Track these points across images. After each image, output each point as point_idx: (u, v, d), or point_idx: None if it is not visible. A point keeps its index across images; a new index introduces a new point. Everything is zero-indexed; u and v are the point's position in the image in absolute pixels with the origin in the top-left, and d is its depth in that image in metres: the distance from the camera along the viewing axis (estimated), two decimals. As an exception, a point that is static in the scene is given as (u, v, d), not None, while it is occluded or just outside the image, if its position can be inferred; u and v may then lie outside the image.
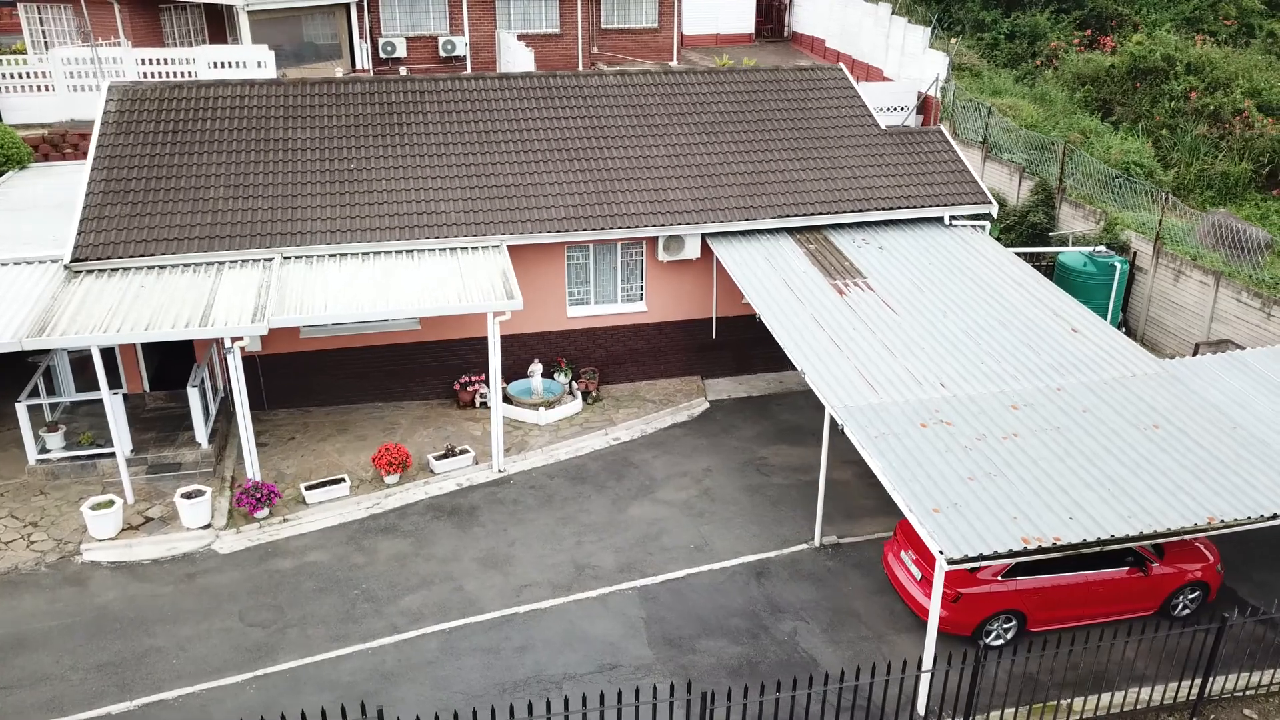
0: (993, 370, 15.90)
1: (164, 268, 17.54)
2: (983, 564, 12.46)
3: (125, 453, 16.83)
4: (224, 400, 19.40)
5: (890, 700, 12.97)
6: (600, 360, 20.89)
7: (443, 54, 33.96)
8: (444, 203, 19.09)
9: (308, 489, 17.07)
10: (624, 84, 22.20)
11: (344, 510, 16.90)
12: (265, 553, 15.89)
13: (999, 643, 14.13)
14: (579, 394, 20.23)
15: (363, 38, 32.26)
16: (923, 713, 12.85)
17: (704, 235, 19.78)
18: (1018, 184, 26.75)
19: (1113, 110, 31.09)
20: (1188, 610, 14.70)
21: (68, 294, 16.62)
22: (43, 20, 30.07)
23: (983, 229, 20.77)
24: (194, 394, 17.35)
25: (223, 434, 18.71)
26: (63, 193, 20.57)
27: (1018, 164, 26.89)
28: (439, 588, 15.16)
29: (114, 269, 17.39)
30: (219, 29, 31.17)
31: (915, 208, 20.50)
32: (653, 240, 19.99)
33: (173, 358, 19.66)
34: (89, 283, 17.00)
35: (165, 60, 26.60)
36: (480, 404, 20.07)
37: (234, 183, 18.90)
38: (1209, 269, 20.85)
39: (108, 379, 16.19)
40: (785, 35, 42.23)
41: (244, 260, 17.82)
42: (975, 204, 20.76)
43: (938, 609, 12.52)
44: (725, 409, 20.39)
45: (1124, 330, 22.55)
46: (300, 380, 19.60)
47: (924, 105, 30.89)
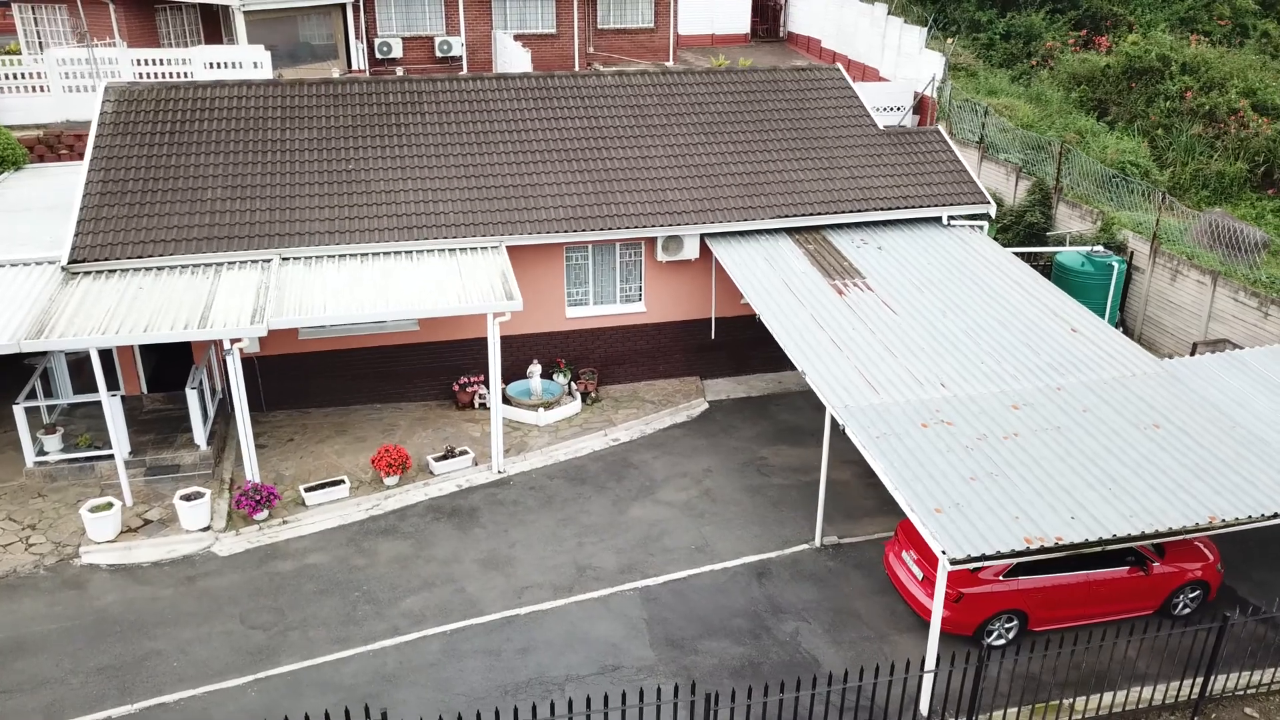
0: (993, 370, 15.93)
1: (162, 269, 17.49)
2: (985, 564, 12.47)
3: (123, 455, 16.77)
4: (222, 402, 19.34)
5: (893, 700, 12.97)
6: (599, 361, 20.87)
7: (439, 54, 33.90)
8: (443, 203, 19.05)
9: (307, 491, 17.02)
10: (622, 84, 22.19)
11: (344, 512, 16.85)
12: (265, 555, 15.84)
13: (1001, 642, 14.15)
14: (578, 395, 20.21)
15: (358, 38, 32.19)
16: (925, 713, 12.86)
17: (703, 236, 19.78)
18: (1014, 184, 26.79)
19: (1108, 110, 31.16)
20: (1188, 609, 14.73)
21: (65, 295, 16.55)
22: (37, 20, 29.96)
23: (981, 229, 20.80)
24: (193, 396, 17.29)
25: (221, 436, 18.65)
26: (59, 194, 20.48)
27: (1014, 164, 26.93)
28: (440, 589, 15.13)
29: (112, 270, 17.33)
30: (214, 29, 31.08)
31: (914, 208, 20.52)
32: (651, 241, 19.97)
33: (170, 359, 19.57)
34: (87, 284, 16.94)
35: (161, 61, 26.52)
36: (479, 405, 20.04)
37: (232, 184, 18.84)
38: (1206, 268, 20.89)
39: (105, 381, 16.13)
40: (781, 35, 42.25)
41: (242, 261, 17.77)
42: (973, 204, 20.80)
43: (940, 609, 12.54)
44: (724, 409, 20.39)
45: (1121, 330, 22.58)
46: (298, 382, 19.55)
47: (920, 105, 30.92)
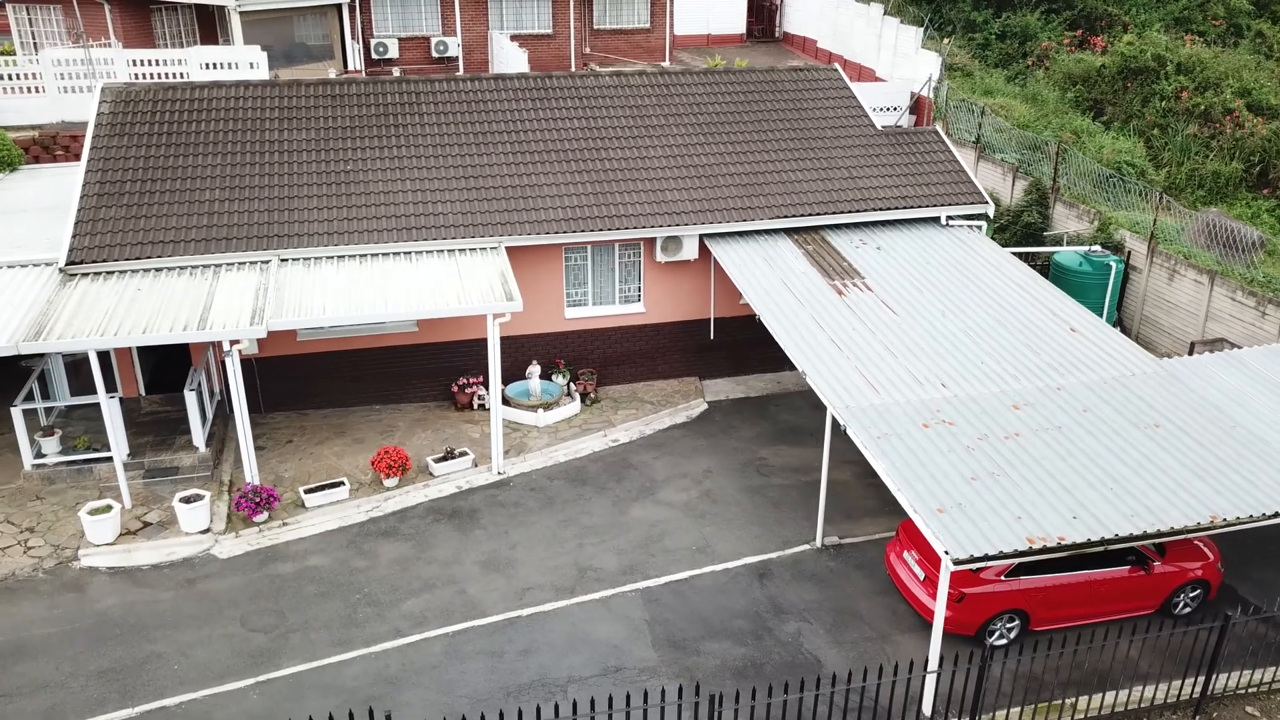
0: (993, 370, 15.94)
1: (160, 270, 17.42)
2: (987, 564, 12.48)
3: (122, 457, 16.70)
4: (220, 403, 19.28)
5: (896, 701, 12.96)
6: (598, 361, 20.85)
7: (435, 55, 33.84)
8: (441, 204, 19.02)
9: (307, 492, 16.98)
10: (620, 85, 22.17)
11: (343, 513, 16.81)
12: (265, 557, 15.80)
13: (1002, 642, 14.17)
14: (577, 395, 20.19)
15: (355, 38, 32.12)
16: (928, 713, 12.87)
17: (702, 236, 19.77)
18: (1011, 184, 26.83)
19: (1104, 110, 31.24)
20: (1189, 609, 14.77)
21: (63, 297, 16.49)
22: (31, 21, 29.84)
23: (979, 229, 20.82)
24: (191, 398, 17.23)
25: (219, 437, 18.59)
26: (55, 195, 20.40)
27: (1011, 164, 26.97)
28: (441, 591, 15.10)
29: (109, 272, 17.27)
30: (210, 30, 30.99)
31: (912, 208, 20.53)
32: (650, 241, 19.96)
33: (168, 361, 19.52)
34: (85, 286, 16.87)
35: (157, 61, 26.43)
36: (478, 406, 20.01)
37: (230, 184, 18.79)
38: (1203, 268, 20.95)
39: (104, 383, 16.04)
40: (776, 36, 42.27)
41: (241, 263, 17.71)
42: (971, 204, 20.82)
43: (943, 609, 12.55)
44: (723, 410, 20.38)
45: (1119, 329, 22.61)
46: (297, 383, 19.49)
47: (917, 105, 30.96)
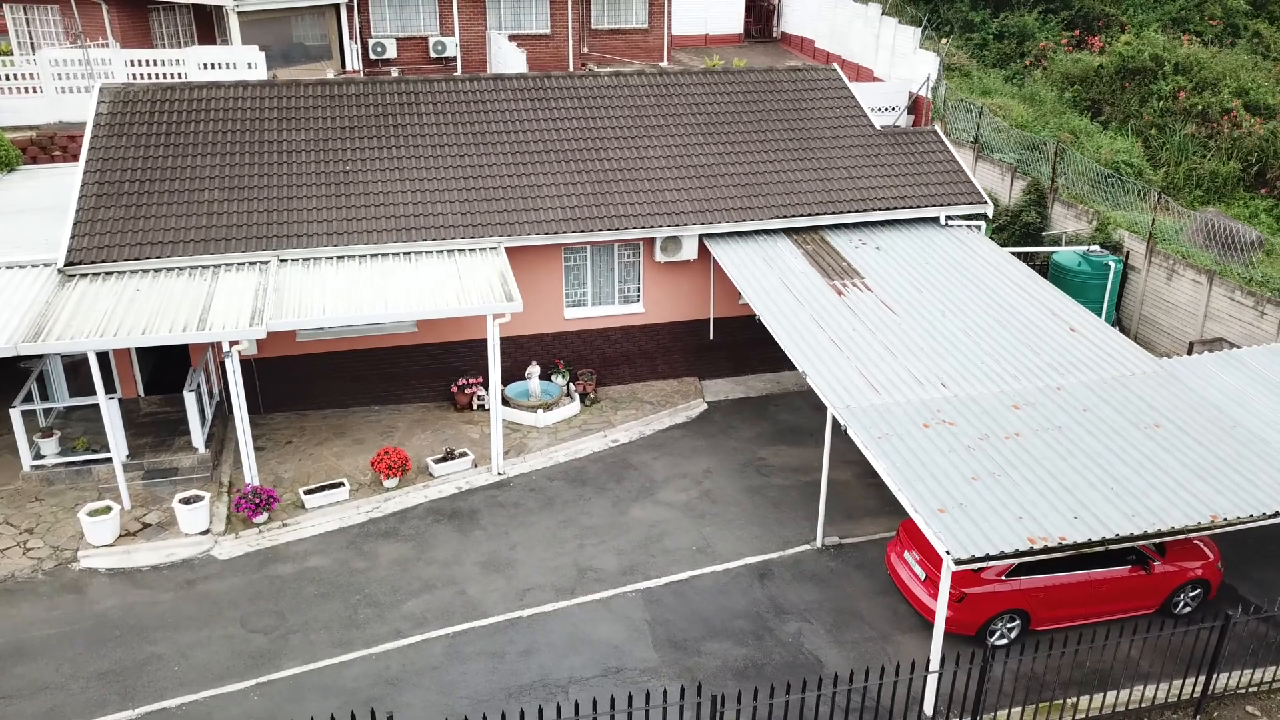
0: (993, 370, 15.95)
1: (159, 271, 17.39)
2: (988, 564, 12.48)
3: (121, 458, 16.67)
4: (219, 404, 19.25)
5: (897, 701, 12.97)
6: (597, 362, 20.84)
7: (433, 55, 33.81)
8: (441, 204, 19.00)
9: (306, 493, 16.95)
10: (619, 85, 22.16)
11: (343, 514, 16.79)
12: (265, 558, 15.77)
13: (1003, 642, 14.18)
14: (576, 396, 20.18)
15: (353, 38, 32.09)
16: (930, 713, 12.87)
17: (701, 236, 19.77)
18: (1009, 184, 26.86)
19: (1101, 110, 31.27)
20: (1189, 608, 14.78)
21: (62, 298, 16.45)
22: (29, 21, 29.76)
23: (978, 229, 20.83)
24: (191, 398, 17.20)
25: (219, 438, 18.56)
26: (53, 196, 20.36)
27: (1009, 164, 27.00)
28: (442, 592, 15.08)
29: (108, 272, 17.23)
30: (208, 30, 30.95)
31: (911, 208, 20.54)
32: (650, 241, 19.95)
33: (166, 361, 19.49)
34: (83, 286, 16.84)
35: (155, 61, 26.38)
36: (478, 406, 19.99)
37: (229, 185, 18.76)
38: (1202, 268, 20.98)
39: (103, 384, 16.02)
40: (774, 36, 42.27)
41: (240, 263, 17.68)
42: (970, 204, 20.83)
43: (945, 609, 12.56)
44: (723, 410, 20.38)
45: (1117, 329, 22.63)
46: (296, 384, 19.47)
47: (915, 105, 30.97)
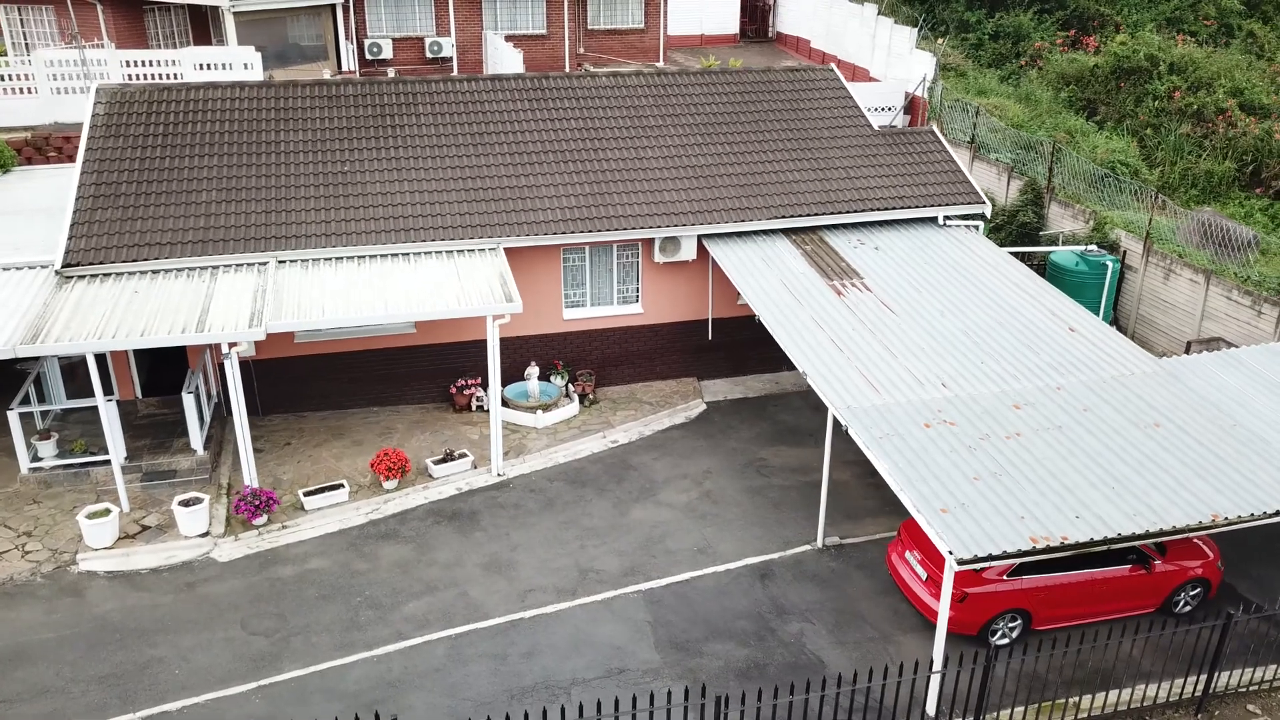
0: (993, 370, 15.97)
1: (157, 272, 17.33)
2: (990, 564, 12.49)
3: (120, 460, 16.61)
4: (217, 406, 19.19)
5: (900, 701, 12.97)
6: (596, 362, 20.82)
7: (429, 55, 33.75)
8: (439, 205, 18.96)
9: (306, 495, 16.91)
10: (617, 85, 22.14)
11: (343, 516, 16.75)
12: (265, 560, 15.73)
13: (1004, 642, 14.20)
14: (575, 396, 20.16)
15: (348, 39, 32.02)
16: (932, 713, 12.88)
17: (700, 237, 19.76)
18: (1006, 183, 26.90)
19: (1097, 110, 31.31)
20: (1189, 607, 14.82)
21: (60, 300, 16.38)
22: (23, 22, 29.64)
23: (976, 229, 20.86)
24: (189, 400, 17.14)
25: (217, 440, 18.50)
26: (49, 197, 20.27)
27: (1005, 164, 27.04)
28: (443, 594, 15.05)
29: (106, 274, 17.17)
30: (203, 30, 30.85)
31: (910, 208, 20.56)
32: (649, 242, 19.94)
33: (164, 363, 19.42)
34: (81, 288, 16.77)
35: (150, 62, 26.27)
36: (476, 407, 19.96)
37: (226, 186, 18.70)
38: (1199, 267, 21.03)
39: (101, 385, 15.97)
40: (769, 36, 42.26)
41: (238, 264, 17.63)
42: (969, 204, 20.85)
43: (947, 609, 12.57)
44: (722, 410, 20.37)
45: (1115, 328, 22.67)
46: (294, 385, 19.42)
47: (911, 105, 31.00)
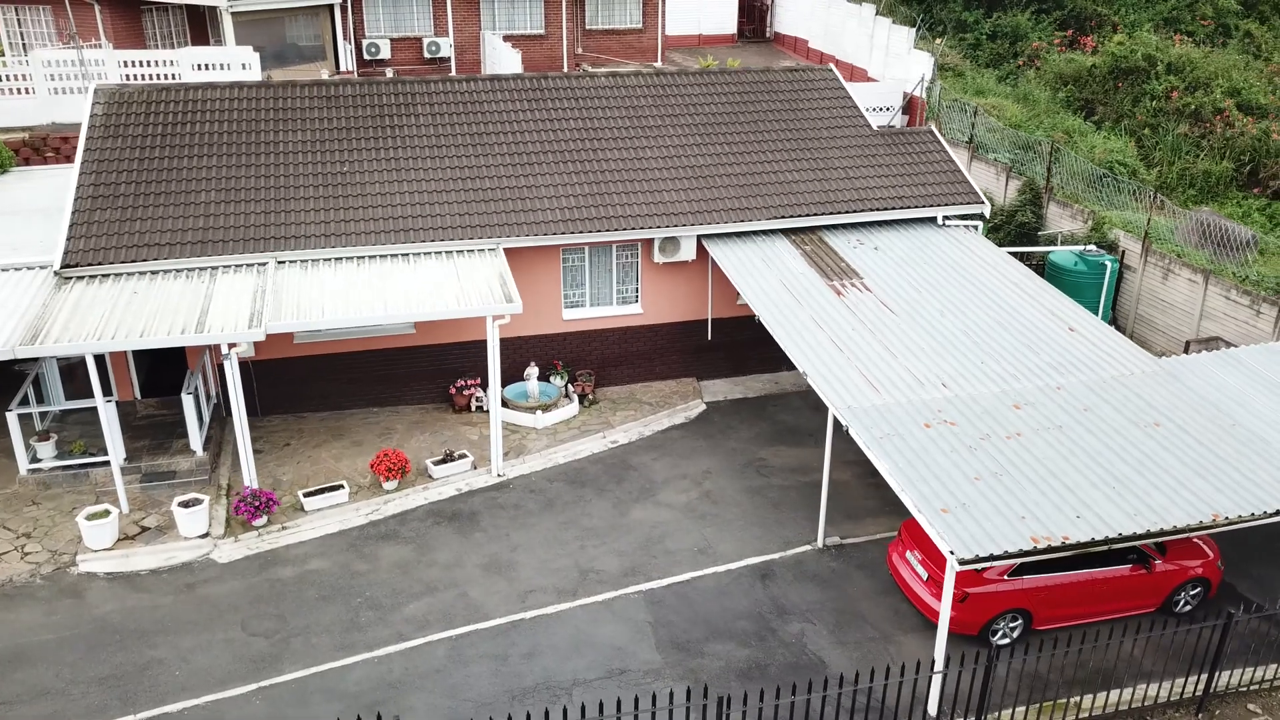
0: (993, 370, 15.98)
1: (156, 273, 17.29)
2: (992, 564, 12.49)
3: (119, 461, 16.57)
4: (216, 406, 19.15)
5: (902, 701, 12.97)
6: (596, 363, 20.81)
7: (427, 55, 33.73)
8: (438, 205, 18.94)
9: (306, 496, 16.89)
10: (616, 85, 22.13)
11: (343, 517, 16.73)
12: (265, 561, 15.70)
13: (1005, 641, 14.20)
14: (575, 397, 20.15)
15: (346, 39, 31.99)
16: (934, 713, 12.88)
17: (699, 237, 19.76)
18: (1004, 183, 26.92)
19: (1095, 110, 31.36)
20: (1189, 606, 14.83)
21: (59, 300, 16.35)
22: (20, 22, 29.57)
23: (975, 229, 20.87)
24: (189, 401, 17.11)
25: (216, 441, 18.47)
26: (48, 197, 20.22)
27: (1004, 164, 27.06)
28: (443, 594, 15.03)
29: (105, 275, 17.13)
30: (200, 31, 30.79)
31: (909, 208, 20.56)
32: (648, 242, 19.93)
33: (162, 364, 19.38)
34: (80, 289, 16.73)
35: (148, 62, 26.22)
36: (476, 408, 19.94)
37: (225, 186, 18.67)
38: (1197, 267, 21.05)
39: (100, 386, 15.93)
40: (767, 36, 42.28)
41: (238, 265, 17.60)
42: (968, 204, 20.85)
43: (949, 609, 12.57)
44: (722, 410, 20.37)
45: (1114, 328, 22.70)
46: (293, 386, 19.39)
47: (909, 105, 31.02)
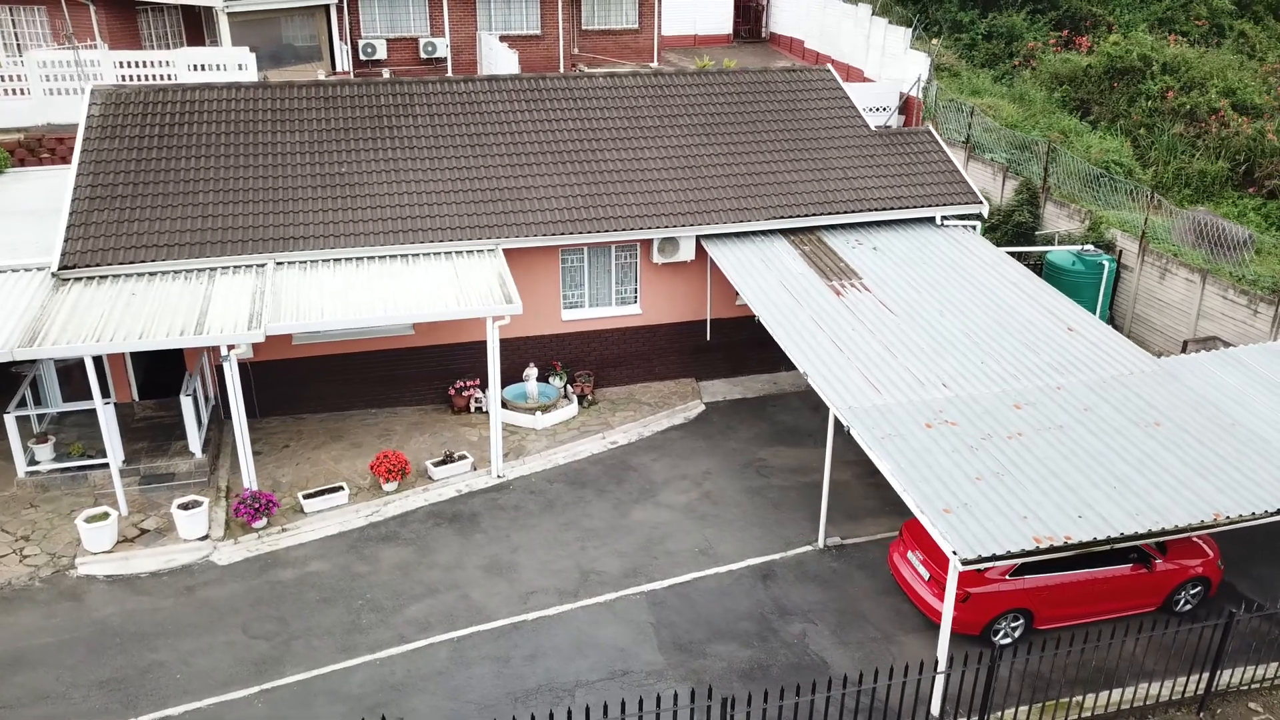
0: (993, 370, 16.00)
1: (155, 274, 17.24)
2: (994, 564, 12.51)
3: (118, 464, 16.52)
4: (215, 408, 19.10)
5: (905, 701, 12.97)
6: (595, 363, 20.79)
7: (423, 55, 33.68)
8: (437, 206, 18.91)
9: (306, 498, 16.85)
10: (614, 86, 22.11)
11: (343, 519, 16.69)
12: (265, 563, 15.66)
13: (1007, 641, 14.22)
14: (574, 398, 20.13)
15: (342, 39, 31.92)
16: (937, 713, 12.89)
17: (698, 237, 19.75)
18: (1001, 183, 26.96)
19: (1090, 110, 31.42)
20: (1190, 606, 14.86)
21: (57, 302, 16.29)
22: (15, 23, 29.45)
23: (974, 229, 20.90)
24: (188, 403, 17.06)
25: (215, 443, 18.42)
26: (44, 199, 20.16)
27: (1000, 164, 27.10)
28: (445, 596, 15.01)
29: (103, 276, 17.08)
30: (196, 31, 30.70)
31: (907, 208, 20.58)
32: (647, 243, 19.92)
33: (161, 365, 19.33)
34: (78, 290, 16.67)
35: (144, 63, 26.12)
36: (475, 409, 19.91)
37: (224, 187, 18.61)
38: (1195, 267, 21.10)
39: (99, 388, 15.88)
40: (763, 36, 42.30)
41: (236, 266, 17.55)
42: (966, 204, 20.88)
43: (951, 609, 12.58)
44: (721, 411, 20.36)
45: (1111, 327, 22.75)
46: (292, 387, 19.34)
47: (906, 105, 31.05)
